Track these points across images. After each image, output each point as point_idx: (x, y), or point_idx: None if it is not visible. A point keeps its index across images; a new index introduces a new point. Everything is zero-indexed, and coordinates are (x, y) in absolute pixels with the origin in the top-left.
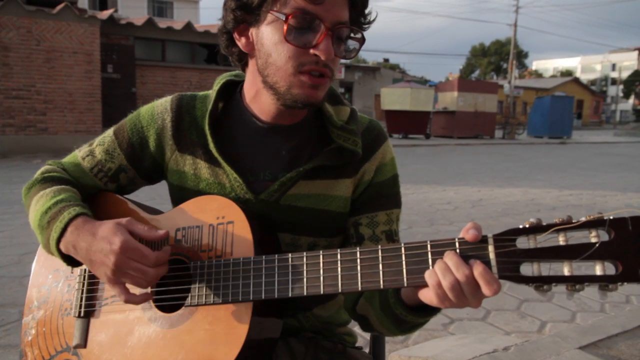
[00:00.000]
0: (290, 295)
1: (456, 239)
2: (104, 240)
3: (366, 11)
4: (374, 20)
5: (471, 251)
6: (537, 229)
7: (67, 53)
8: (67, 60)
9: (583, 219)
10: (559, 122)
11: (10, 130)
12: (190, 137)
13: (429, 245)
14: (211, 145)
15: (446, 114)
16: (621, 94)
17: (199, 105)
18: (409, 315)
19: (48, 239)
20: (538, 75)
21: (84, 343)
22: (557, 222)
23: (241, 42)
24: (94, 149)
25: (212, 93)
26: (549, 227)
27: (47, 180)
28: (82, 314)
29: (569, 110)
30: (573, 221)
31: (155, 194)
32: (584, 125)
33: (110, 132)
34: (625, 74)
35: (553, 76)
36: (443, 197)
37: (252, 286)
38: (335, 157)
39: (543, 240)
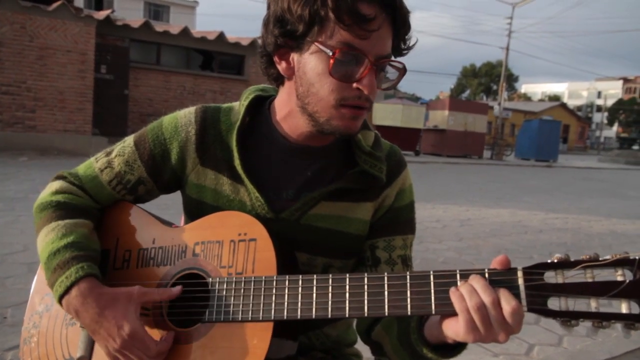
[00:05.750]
0: (314, 316)
1: (486, 269)
2: (112, 321)
3: (407, 37)
4: (414, 45)
5: (501, 282)
6: (565, 264)
7: (60, 51)
8: (60, 58)
9: (608, 257)
10: (546, 146)
11: None
12: (214, 151)
13: (458, 274)
14: (236, 162)
15: (436, 132)
16: (606, 121)
17: (223, 119)
18: (430, 353)
19: (52, 286)
20: (527, 98)
21: (89, 355)
22: (585, 258)
23: (281, 66)
24: (112, 160)
25: (239, 107)
26: (577, 263)
27: (62, 208)
28: None
29: (555, 134)
30: (600, 259)
31: (152, 203)
32: (570, 149)
33: (130, 142)
34: (610, 102)
35: (541, 100)
36: (432, 215)
37: (274, 305)
38: (359, 180)
39: (571, 276)
